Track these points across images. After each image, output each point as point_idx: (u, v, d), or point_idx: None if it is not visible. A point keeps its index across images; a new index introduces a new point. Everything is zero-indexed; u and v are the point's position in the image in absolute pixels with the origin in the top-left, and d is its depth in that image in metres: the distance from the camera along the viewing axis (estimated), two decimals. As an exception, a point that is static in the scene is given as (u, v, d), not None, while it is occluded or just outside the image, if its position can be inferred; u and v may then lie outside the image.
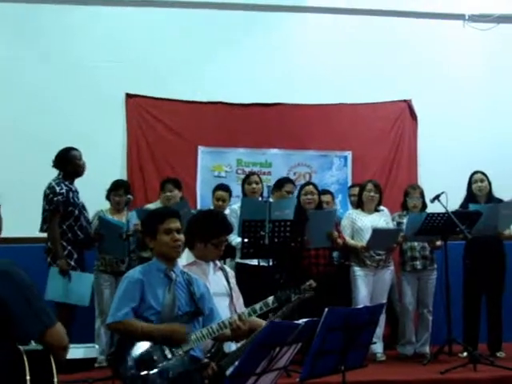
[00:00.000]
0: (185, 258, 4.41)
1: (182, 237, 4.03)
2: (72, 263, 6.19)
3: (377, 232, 6.52)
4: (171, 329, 3.78)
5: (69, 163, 6.34)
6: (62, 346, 2.80)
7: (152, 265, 4.03)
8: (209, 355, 3.99)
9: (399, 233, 6.73)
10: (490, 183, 6.97)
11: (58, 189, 6.17)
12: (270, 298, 4.12)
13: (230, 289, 4.51)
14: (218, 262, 4.61)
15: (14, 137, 7.68)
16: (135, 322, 3.78)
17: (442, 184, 6.74)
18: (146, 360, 3.65)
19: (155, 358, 3.67)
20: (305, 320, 3.37)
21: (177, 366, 3.70)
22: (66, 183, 6.28)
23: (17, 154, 7.62)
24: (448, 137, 8.43)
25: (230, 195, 7.09)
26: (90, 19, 8.08)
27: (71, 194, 6.26)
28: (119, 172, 7.73)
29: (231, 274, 4.68)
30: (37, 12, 7.94)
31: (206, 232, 4.41)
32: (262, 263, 6.20)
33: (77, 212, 6.30)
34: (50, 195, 6.17)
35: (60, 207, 6.15)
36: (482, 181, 6.95)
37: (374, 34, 8.54)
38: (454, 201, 6.72)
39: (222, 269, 4.61)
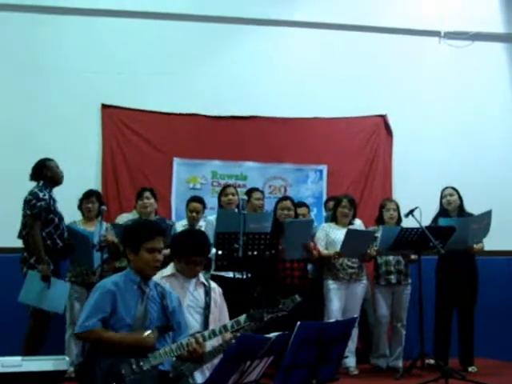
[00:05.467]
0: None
1: (162, 256, 4.04)
2: (49, 271, 6.11)
3: (351, 233, 6.55)
4: (139, 337, 3.76)
5: (48, 171, 6.33)
6: None
7: (126, 276, 4.00)
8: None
9: (372, 236, 6.75)
10: (460, 198, 7.04)
11: (41, 195, 6.15)
12: (242, 317, 4.09)
13: (209, 305, 4.52)
14: (201, 277, 4.64)
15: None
16: (102, 331, 3.76)
17: (416, 199, 6.78)
18: (114, 373, 3.62)
19: (123, 371, 3.64)
20: (276, 334, 3.35)
21: (145, 380, 3.67)
22: (48, 190, 6.27)
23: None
24: (423, 152, 8.50)
25: (204, 207, 7.06)
26: (66, 29, 8.03)
27: (52, 202, 6.26)
28: (93, 183, 7.65)
29: (218, 291, 4.71)
30: (12, 22, 7.88)
31: (179, 250, 4.53)
32: (237, 276, 6.18)
33: (57, 220, 6.28)
34: (32, 200, 6.12)
35: (42, 213, 6.12)
36: (451, 195, 7.02)
37: (351, 49, 8.60)
38: (428, 216, 6.79)
39: (206, 284, 4.63)
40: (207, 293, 4.57)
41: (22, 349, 5.84)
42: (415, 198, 7.01)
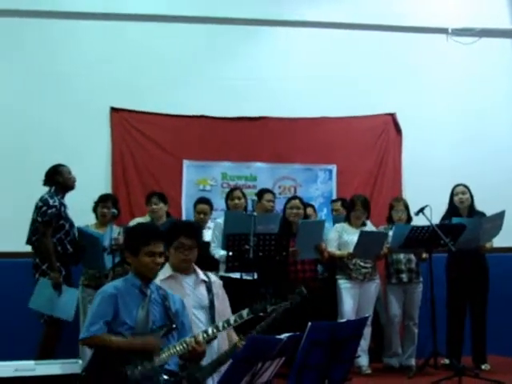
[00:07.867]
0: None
1: (162, 259, 4.09)
2: (60, 279, 6.14)
3: (364, 234, 6.55)
4: (144, 340, 3.82)
5: (60, 177, 6.36)
6: None
7: (127, 280, 4.07)
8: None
9: (385, 237, 6.75)
10: (471, 196, 6.99)
11: (51, 201, 6.17)
12: (245, 310, 4.12)
13: (212, 301, 4.51)
14: (200, 273, 4.61)
15: (-2, 151, 7.65)
16: (107, 335, 3.82)
17: (426, 197, 6.74)
18: (119, 375, 3.66)
19: (129, 373, 3.67)
20: (287, 334, 3.36)
21: (151, 381, 3.70)
22: (59, 197, 6.29)
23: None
24: (432, 150, 8.48)
25: (212, 208, 7.05)
26: (75, 33, 8.06)
27: (63, 208, 6.28)
28: (104, 186, 7.69)
29: (218, 283, 4.70)
30: (20, 26, 7.92)
31: (169, 235, 4.50)
32: (246, 277, 6.19)
33: (67, 226, 6.30)
34: (43, 207, 6.14)
35: (53, 220, 6.14)
36: (463, 193, 6.97)
37: (359, 48, 8.60)
38: (438, 214, 6.75)
39: (206, 280, 4.61)
40: (209, 290, 4.56)
41: (36, 355, 5.85)
42: (425, 195, 6.98)
